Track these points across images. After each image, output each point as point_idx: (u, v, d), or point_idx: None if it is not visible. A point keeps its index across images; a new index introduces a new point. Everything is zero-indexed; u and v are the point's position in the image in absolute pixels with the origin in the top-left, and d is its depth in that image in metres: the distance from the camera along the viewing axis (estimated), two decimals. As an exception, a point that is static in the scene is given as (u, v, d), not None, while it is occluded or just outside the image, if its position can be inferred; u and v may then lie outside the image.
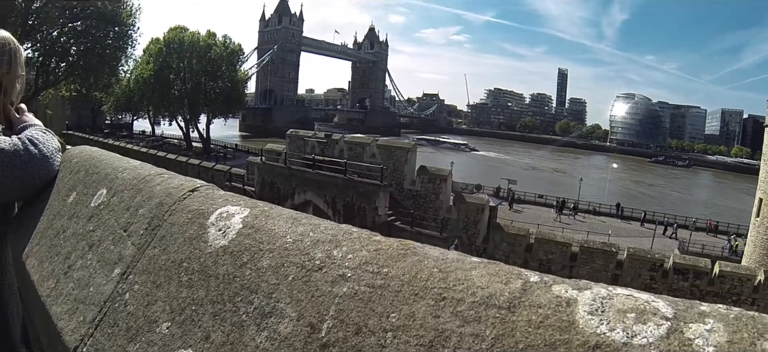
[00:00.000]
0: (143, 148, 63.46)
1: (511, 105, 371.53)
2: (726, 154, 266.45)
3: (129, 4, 59.12)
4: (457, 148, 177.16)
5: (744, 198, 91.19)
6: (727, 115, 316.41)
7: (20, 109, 2.78)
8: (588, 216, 65.64)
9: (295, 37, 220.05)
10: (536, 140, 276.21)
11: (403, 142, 34.98)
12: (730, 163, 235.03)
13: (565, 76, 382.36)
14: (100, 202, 2.26)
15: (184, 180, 2.08)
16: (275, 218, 1.55)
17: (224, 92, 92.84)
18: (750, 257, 40.55)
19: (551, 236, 31.40)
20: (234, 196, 1.83)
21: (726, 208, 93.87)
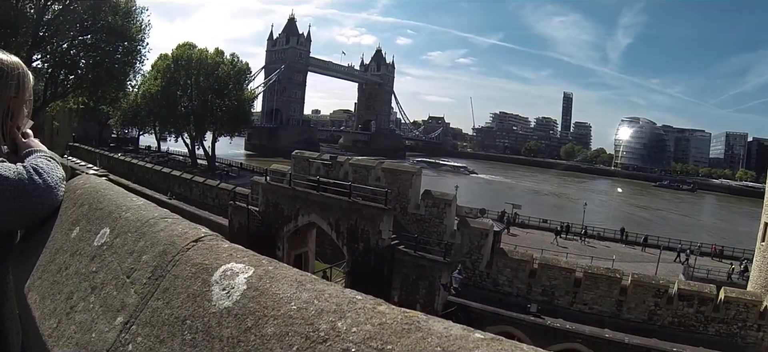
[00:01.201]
0: (149, 164, 63.51)
1: (516, 129, 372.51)
2: (731, 177, 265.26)
3: (139, 20, 59.37)
4: (456, 170, 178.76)
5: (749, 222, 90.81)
6: (731, 138, 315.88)
7: (26, 134, 2.77)
8: (592, 241, 65.44)
9: (303, 57, 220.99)
10: (541, 164, 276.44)
11: (408, 166, 34.95)
12: (734, 186, 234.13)
13: (570, 100, 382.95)
14: (103, 241, 2.24)
15: (187, 227, 2.06)
16: (280, 281, 1.52)
17: (231, 110, 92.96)
18: (755, 281, 40.16)
19: (555, 261, 31.33)
20: (238, 249, 1.81)
21: (731, 232, 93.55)
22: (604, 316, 28.07)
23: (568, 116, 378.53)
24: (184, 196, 50.19)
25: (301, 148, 48.67)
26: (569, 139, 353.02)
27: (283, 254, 34.57)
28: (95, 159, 70.32)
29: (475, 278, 29.72)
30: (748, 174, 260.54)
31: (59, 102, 62.41)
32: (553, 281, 29.31)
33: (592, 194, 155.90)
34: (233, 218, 38.19)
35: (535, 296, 29.14)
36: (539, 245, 55.84)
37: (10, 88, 2.52)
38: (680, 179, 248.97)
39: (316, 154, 38.34)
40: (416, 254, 27.32)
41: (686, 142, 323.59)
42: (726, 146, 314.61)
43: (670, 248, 62.42)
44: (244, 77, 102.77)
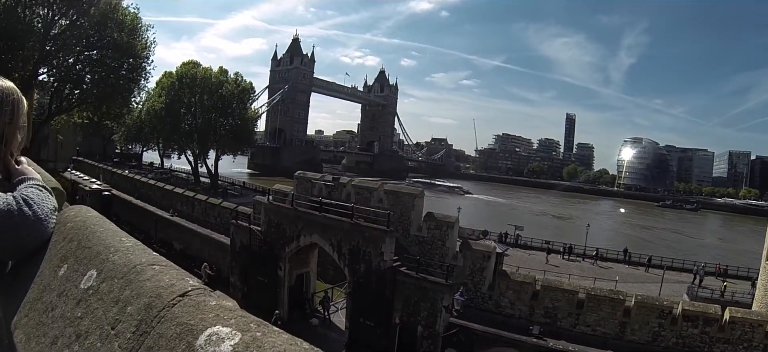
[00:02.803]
0: (152, 181, 63.52)
1: (519, 150, 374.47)
2: (734, 196, 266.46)
3: (144, 37, 59.53)
4: (451, 190, 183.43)
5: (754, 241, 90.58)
6: (734, 157, 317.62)
7: (19, 160, 2.72)
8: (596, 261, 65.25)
9: (306, 77, 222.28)
10: (544, 185, 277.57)
11: (411, 188, 34.84)
12: (738, 205, 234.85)
13: (573, 121, 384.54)
14: (89, 285, 2.17)
15: (175, 277, 1.98)
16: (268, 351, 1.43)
17: (234, 129, 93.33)
18: (761, 301, 39.94)
19: (557, 283, 31.23)
20: (225, 308, 1.71)
21: (735, 251, 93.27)
22: (608, 338, 27.92)
23: (570, 137, 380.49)
24: (187, 213, 50.20)
25: (304, 168, 48.67)
26: (572, 160, 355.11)
27: (285, 273, 34.47)
28: (99, 174, 70.41)
29: (477, 300, 29.58)
30: (751, 192, 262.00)
31: (64, 116, 62.48)
32: (555, 302, 29.18)
33: (596, 215, 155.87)
34: (235, 236, 38.08)
35: (538, 318, 28.98)
36: (541, 267, 55.78)
37: (4, 115, 2.47)
38: (683, 199, 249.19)
39: (318, 175, 38.31)
40: (418, 276, 27.16)
41: (689, 162, 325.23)
42: (729, 165, 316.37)
43: (674, 268, 62.44)
44: (248, 96, 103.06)
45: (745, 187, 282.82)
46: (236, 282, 37.82)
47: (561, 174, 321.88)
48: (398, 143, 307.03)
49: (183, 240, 46.84)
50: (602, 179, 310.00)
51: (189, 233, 46.22)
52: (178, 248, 46.70)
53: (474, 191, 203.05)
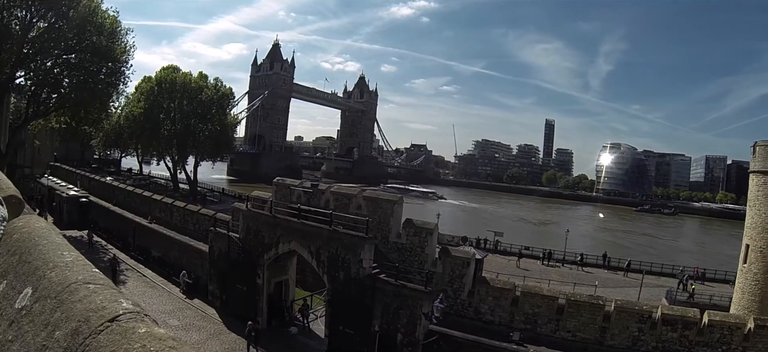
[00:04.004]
0: (130, 187, 62.78)
1: (498, 156, 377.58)
2: (711, 200, 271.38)
3: (124, 41, 58.98)
4: (425, 196, 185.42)
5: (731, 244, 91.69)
6: (711, 161, 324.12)
7: None
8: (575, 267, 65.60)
9: (286, 83, 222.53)
10: (523, 191, 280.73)
11: (390, 195, 34.67)
12: (715, 209, 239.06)
13: (552, 127, 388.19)
14: (24, 304, 2.02)
15: (107, 299, 1.82)
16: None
17: (213, 135, 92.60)
18: (739, 304, 40.77)
19: (537, 289, 31.17)
20: (154, 337, 1.55)
21: (713, 255, 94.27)
22: (588, 343, 27.94)
23: (550, 143, 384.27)
24: (165, 220, 49.64)
25: (283, 174, 48.48)
26: (551, 165, 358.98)
27: (263, 281, 34.23)
28: (76, 180, 69.49)
29: (457, 307, 29.47)
30: (728, 196, 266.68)
31: (41, 121, 61.86)
32: (535, 308, 29.13)
33: (575, 220, 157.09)
34: (213, 244, 37.75)
35: (518, 324, 28.93)
36: (521, 272, 55.95)
37: None
38: (661, 203, 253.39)
39: (297, 181, 37.95)
40: (397, 283, 26.99)
41: (667, 167, 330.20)
42: (706, 169, 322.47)
43: (653, 272, 63.11)
44: (228, 102, 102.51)
45: (722, 191, 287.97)
46: (215, 290, 37.48)
47: (540, 180, 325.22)
48: (378, 149, 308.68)
49: (161, 248, 46.37)
50: (581, 185, 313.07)
51: (167, 241, 45.75)
52: (157, 256, 46.25)
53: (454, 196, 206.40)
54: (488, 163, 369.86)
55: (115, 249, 48.49)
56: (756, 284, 39.49)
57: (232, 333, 32.16)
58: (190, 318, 34.36)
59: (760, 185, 40.80)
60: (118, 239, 51.17)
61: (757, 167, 41.27)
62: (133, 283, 39.56)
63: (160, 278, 41.94)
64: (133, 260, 45.92)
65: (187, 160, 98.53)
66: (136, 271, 43.06)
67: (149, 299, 36.47)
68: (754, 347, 26.10)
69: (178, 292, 39.09)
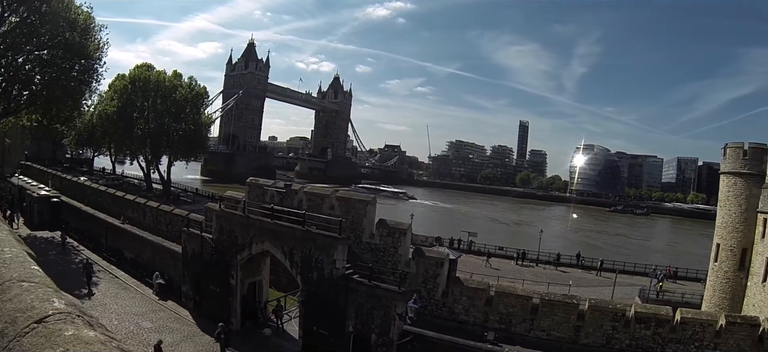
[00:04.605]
0: (102, 187, 61.96)
1: (472, 157, 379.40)
2: (683, 200, 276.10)
3: (97, 38, 58.07)
4: (396, 196, 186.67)
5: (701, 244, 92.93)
6: (682, 163, 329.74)
7: None
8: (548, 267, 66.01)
9: (261, 83, 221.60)
10: (497, 192, 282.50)
11: (363, 195, 34.58)
12: (686, 209, 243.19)
13: (526, 128, 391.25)
14: (-42, 305, 1.90)
15: (37, 299, 1.73)
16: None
17: (187, 135, 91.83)
18: (709, 301, 41.83)
19: (511, 289, 31.28)
20: (80, 340, 1.46)
21: (684, 253, 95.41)
22: (563, 342, 28.11)
23: (523, 144, 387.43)
24: (138, 221, 49.05)
25: (257, 174, 48.18)
26: (525, 166, 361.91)
27: (237, 282, 33.99)
28: (48, 179, 68.46)
29: (431, 307, 29.47)
30: (699, 197, 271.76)
31: (12, 118, 60.59)
32: (510, 308, 29.24)
33: (548, 220, 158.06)
34: (186, 244, 37.42)
35: (493, 324, 29.01)
36: (495, 272, 56.14)
37: None
38: (634, 204, 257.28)
39: (271, 181, 37.70)
40: (371, 283, 26.92)
41: (639, 168, 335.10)
42: (678, 171, 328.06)
43: (626, 271, 63.81)
44: (202, 101, 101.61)
45: (693, 192, 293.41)
46: (188, 291, 37.15)
47: (514, 180, 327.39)
48: (352, 150, 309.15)
49: (134, 248, 45.83)
50: (555, 185, 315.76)
51: (140, 241, 45.22)
52: (130, 257, 45.71)
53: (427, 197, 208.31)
54: (462, 164, 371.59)
55: (87, 250, 47.82)
56: (726, 282, 40.40)
57: (205, 335, 31.83)
58: (164, 320, 33.95)
59: (730, 186, 41.57)
60: (90, 240, 50.48)
61: (727, 169, 42.09)
62: (105, 285, 38.96)
63: (133, 280, 41.30)
64: (106, 262, 45.20)
65: (160, 160, 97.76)
66: (108, 272, 42.32)
67: (122, 301, 36.08)
68: (726, 343, 26.54)
69: (151, 293, 38.55)
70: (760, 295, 37.40)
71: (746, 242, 39.99)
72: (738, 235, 40.55)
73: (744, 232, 40.19)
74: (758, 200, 39.52)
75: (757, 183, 39.91)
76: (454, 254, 33.04)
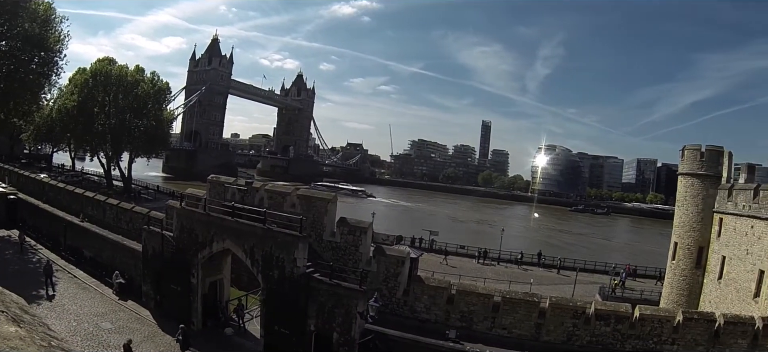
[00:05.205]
0: (61, 184, 60.68)
1: (434, 156, 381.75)
2: (642, 200, 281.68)
3: (58, 30, 57.04)
4: (354, 194, 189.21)
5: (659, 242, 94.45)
6: (642, 164, 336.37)
7: None
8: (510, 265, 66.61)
9: (224, 79, 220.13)
10: (459, 191, 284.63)
11: (324, 193, 34.54)
12: (646, 209, 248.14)
13: (489, 128, 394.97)
14: None
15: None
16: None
17: (149, 131, 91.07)
18: (668, 298, 43.04)
19: (472, 287, 31.51)
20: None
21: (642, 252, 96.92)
22: (524, 339, 28.39)
23: (486, 144, 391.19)
24: (98, 219, 48.20)
25: (219, 172, 47.76)
26: (487, 166, 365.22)
27: (198, 281, 33.69)
28: (4, 176, 66.93)
29: (392, 306, 29.55)
30: (657, 197, 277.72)
31: (-34, 112, 59.33)
32: (471, 306, 29.43)
33: (510, 219, 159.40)
34: (147, 243, 36.94)
35: (454, 322, 29.19)
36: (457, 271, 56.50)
37: None
38: (595, 204, 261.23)
39: (232, 179, 37.45)
40: (332, 282, 26.89)
41: (600, 169, 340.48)
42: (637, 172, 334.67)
43: (586, 269, 64.66)
44: (164, 97, 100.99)
45: (652, 192, 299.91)
46: (149, 291, 36.68)
47: (476, 180, 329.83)
48: (314, 148, 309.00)
49: (93, 247, 44.99)
50: (516, 185, 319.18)
51: (99, 240, 44.38)
52: (89, 256, 44.85)
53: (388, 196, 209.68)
54: (424, 163, 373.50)
55: (46, 250, 46.89)
56: (684, 279, 41.49)
57: (167, 335, 31.48)
58: (124, 320, 33.42)
59: (687, 187, 42.65)
60: (49, 239, 49.49)
61: (685, 170, 43.23)
62: (64, 285, 38.09)
63: (92, 280, 40.40)
64: (64, 261, 44.26)
65: (121, 157, 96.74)
66: (67, 272, 41.38)
67: (81, 302, 35.36)
68: (683, 338, 27.13)
69: (111, 293, 37.79)
70: (716, 291, 38.55)
71: (703, 240, 41.24)
72: (695, 234, 41.70)
73: (701, 231, 41.39)
74: (714, 201, 40.64)
75: (713, 184, 41.06)
76: (415, 253, 33.16)
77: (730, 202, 38.26)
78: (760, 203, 34.14)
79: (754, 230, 34.58)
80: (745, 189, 36.71)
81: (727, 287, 37.32)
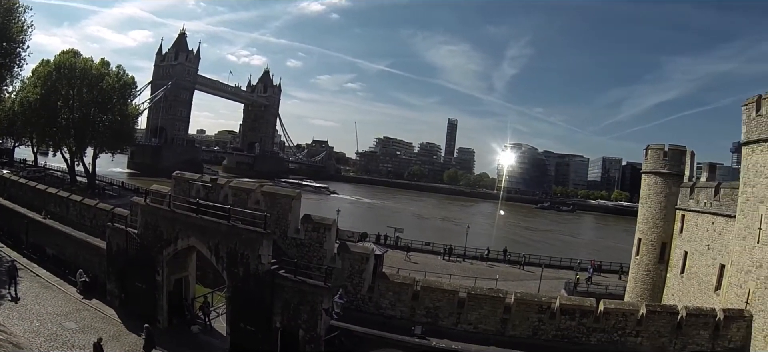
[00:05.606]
0: (23, 179, 59.53)
1: (399, 153, 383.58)
2: (607, 198, 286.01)
3: (21, 20, 55.91)
4: (318, 191, 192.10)
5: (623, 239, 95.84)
6: (607, 162, 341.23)
7: None
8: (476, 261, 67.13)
9: (191, 74, 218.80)
10: (425, 188, 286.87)
11: (288, 190, 34.38)
12: (610, 206, 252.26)
13: (455, 126, 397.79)
14: None
15: None
16: None
17: (114, 126, 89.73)
18: (632, 292, 44.15)
19: (437, 284, 31.59)
20: None
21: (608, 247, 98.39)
22: (490, 334, 28.52)
23: (452, 142, 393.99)
24: (61, 215, 47.38)
25: (184, 168, 47.44)
26: (453, 164, 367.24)
27: (163, 279, 33.45)
28: (-38, 171, 65.73)
29: (357, 302, 29.58)
30: (622, 195, 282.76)
31: None
32: (436, 302, 29.53)
33: (476, 216, 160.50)
34: (111, 240, 36.56)
35: (419, 318, 29.28)
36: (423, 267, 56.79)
37: None
38: (560, 201, 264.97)
39: (197, 175, 37.16)
40: (297, 278, 26.89)
41: (566, 167, 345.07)
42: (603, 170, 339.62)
43: (551, 265, 65.42)
44: (130, 92, 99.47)
45: (617, 190, 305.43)
46: (113, 289, 36.28)
47: (442, 178, 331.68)
48: (279, 145, 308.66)
49: (56, 245, 44.24)
50: (482, 183, 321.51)
51: (62, 237, 43.61)
52: (51, 254, 44.10)
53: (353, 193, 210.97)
54: (389, 160, 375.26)
55: (6, 248, 45.98)
56: (647, 274, 42.56)
57: (132, 334, 31.16)
58: (88, 320, 32.94)
59: (650, 185, 43.69)
60: (10, 236, 48.57)
61: (648, 168, 44.30)
62: (26, 284, 37.24)
63: (55, 278, 39.70)
64: (26, 259, 43.45)
65: (85, 152, 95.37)
66: (29, 271, 40.55)
67: (44, 301, 34.70)
68: (647, 330, 27.62)
69: (75, 292, 37.19)
70: (679, 285, 39.52)
71: (665, 236, 42.30)
72: (658, 230, 42.73)
73: (663, 227, 42.44)
74: (677, 198, 41.66)
75: (675, 182, 42.15)
76: (380, 250, 33.22)
77: (692, 199, 39.09)
78: (721, 200, 34.92)
79: (715, 226, 35.37)
80: (707, 187, 37.51)
81: (689, 281, 38.12)
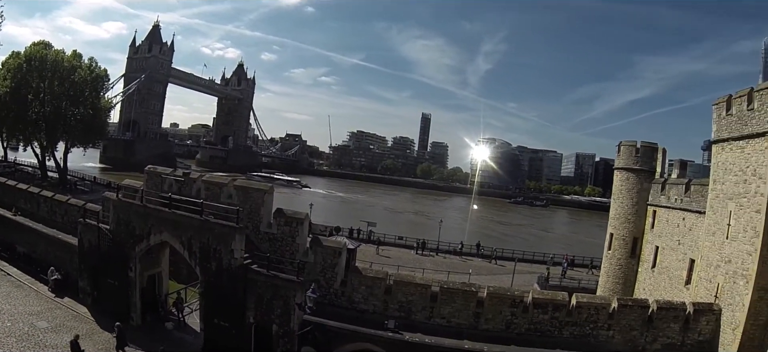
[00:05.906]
0: (-10, 175, 58.72)
1: (373, 148, 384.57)
2: (580, 193, 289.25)
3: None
4: (290, 184, 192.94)
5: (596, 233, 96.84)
6: (581, 158, 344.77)
7: None
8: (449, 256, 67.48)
9: (164, 67, 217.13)
10: (398, 183, 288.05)
11: (261, 184, 34.30)
12: (584, 201, 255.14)
13: (428, 121, 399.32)
14: None
15: None
16: None
17: (86, 119, 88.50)
18: (604, 286, 44.87)
19: (410, 278, 31.74)
20: None
21: (581, 242, 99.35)
22: (463, 328, 28.69)
23: (425, 136, 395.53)
24: (31, 212, 46.74)
25: (158, 162, 47.08)
26: (426, 158, 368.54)
27: (136, 275, 33.27)
28: (-70, 167, 64.54)
29: (330, 297, 29.64)
30: (595, 190, 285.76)
31: None
32: (409, 297, 29.65)
33: (449, 211, 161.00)
34: (83, 236, 36.25)
35: (392, 312, 29.39)
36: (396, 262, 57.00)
37: None
38: (534, 196, 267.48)
39: (169, 169, 36.91)
40: (269, 273, 26.94)
41: (539, 162, 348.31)
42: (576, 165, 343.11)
43: (525, 260, 65.91)
44: (102, 85, 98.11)
45: (590, 185, 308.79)
46: (86, 287, 35.98)
47: (415, 172, 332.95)
48: (253, 138, 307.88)
49: (27, 242, 43.58)
50: (456, 177, 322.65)
51: (33, 234, 42.93)
52: (22, 252, 43.46)
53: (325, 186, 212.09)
54: (363, 154, 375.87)
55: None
56: (619, 268, 43.26)
57: (105, 332, 30.94)
58: (61, 318, 32.63)
59: (622, 180, 44.46)
60: (-21, 234, 48.08)
61: (620, 164, 45.08)
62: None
63: (26, 277, 39.21)
64: None
65: (56, 146, 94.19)
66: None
67: (14, 301, 34.29)
68: (618, 324, 28.15)
69: (47, 290, 36.74)
70: (650, 280, 40.27)
71: (637, 231, 43.07)
72: (630, 225, 43.51)
73: (635, 223, 43.23)
74: (648, 194, 42.44)
75: (647, 178, 42.93)
76: (353, 244, 33.29)
77: (664, 195, 39.76)
78: (691, 196, 35.53)
79: (685, 221, 36.00)
80: (678, 184, 38.14)
81: (660, 276, 38.75)
